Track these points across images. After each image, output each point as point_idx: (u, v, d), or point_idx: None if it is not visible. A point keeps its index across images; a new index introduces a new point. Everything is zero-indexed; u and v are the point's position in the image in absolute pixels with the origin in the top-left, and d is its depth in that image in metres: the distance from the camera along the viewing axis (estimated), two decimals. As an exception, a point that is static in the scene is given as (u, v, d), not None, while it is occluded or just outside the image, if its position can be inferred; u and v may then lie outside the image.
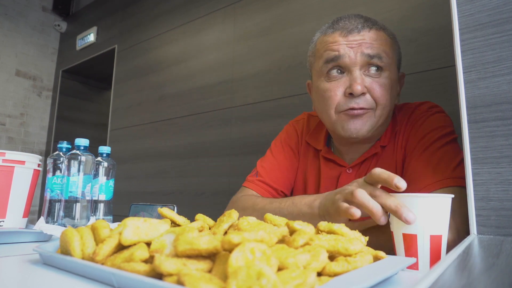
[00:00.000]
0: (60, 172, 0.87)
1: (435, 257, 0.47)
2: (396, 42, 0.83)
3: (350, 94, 0.75)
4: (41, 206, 2.99)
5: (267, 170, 0.90)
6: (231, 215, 0.47)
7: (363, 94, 0.75)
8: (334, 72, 0.78)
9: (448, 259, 0.35)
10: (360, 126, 0.77)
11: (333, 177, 0.85)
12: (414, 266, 0.47)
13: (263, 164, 0.92)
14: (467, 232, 0.66)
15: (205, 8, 2.13)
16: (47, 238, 0.68)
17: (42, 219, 0.81)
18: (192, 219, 0.53)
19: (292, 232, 0.43)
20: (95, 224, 0.44)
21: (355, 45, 0.76)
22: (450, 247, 0.57)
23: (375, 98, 0.76)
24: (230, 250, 0.31)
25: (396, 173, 0.77)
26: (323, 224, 0.45)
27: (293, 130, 0.97)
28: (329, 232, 0.44)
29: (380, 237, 0.62)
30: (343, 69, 0.77)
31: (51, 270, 0.41)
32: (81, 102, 3.46)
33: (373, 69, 0.76)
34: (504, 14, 0.51)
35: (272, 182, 0.89)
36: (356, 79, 0.75)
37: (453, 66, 0.55)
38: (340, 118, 0.78)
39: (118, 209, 1.28)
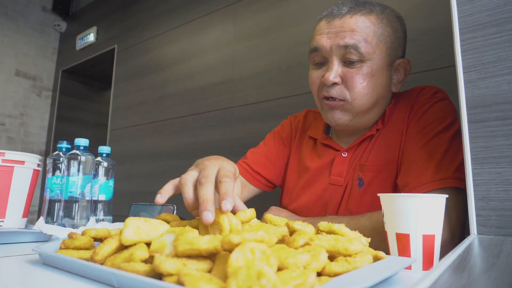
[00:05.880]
0: (60, 172, 0.87)
1: (428, 257, 0.47)
2: (394, 26, 0.79)
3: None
4: (41, 206, 2.99)
5: (254, 154, 0.96)
6: (231, 215, 0.47)
7: (335, 84, 0.77)
8: (317, 60, 0.81)
9: (448, 259, 0.35)
10: (338, 117, 0.79)
11: (328, 161, 0.86)
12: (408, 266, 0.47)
13: (253, 149, 0.98)
14: (461, 234, 0.66)
15: (205, 8, 2.13)
16: (47, 238, 0.68)
17: (41, 219, 0.81)
18: (192, 219, 0.53)
19: (292, 232, 0.43)
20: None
21: (333, 34, 0.77)
22: (444, 247, 0.57)
23: (348, 88, 0.76)
24: (230, 250, 0.31)
25: (390, 156, 0.77)
26: (323, 224, 0.45)
27: (288, 123, 1.01)
28: (329, 232, 0.44)
29: (374, 238, 0.62)
30: (324, 58, 0.79)
31: (50, 270, 0.41)
32: (81, 102, 3.45)
33: (351, 60, 0.75)
34: (504, 14, 0.51)
35: (254, 165, 0.94)
36: (328, 69, 0.77)
37: (452, 66, 0.55)
38: (322, 105, 0.82)
39: (118, 209, 1.28)
